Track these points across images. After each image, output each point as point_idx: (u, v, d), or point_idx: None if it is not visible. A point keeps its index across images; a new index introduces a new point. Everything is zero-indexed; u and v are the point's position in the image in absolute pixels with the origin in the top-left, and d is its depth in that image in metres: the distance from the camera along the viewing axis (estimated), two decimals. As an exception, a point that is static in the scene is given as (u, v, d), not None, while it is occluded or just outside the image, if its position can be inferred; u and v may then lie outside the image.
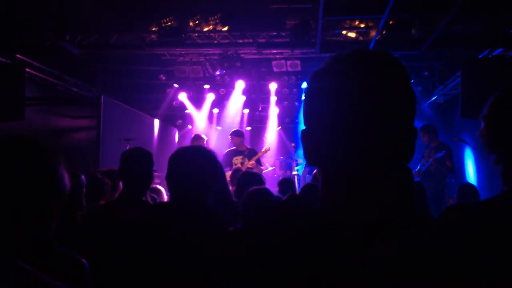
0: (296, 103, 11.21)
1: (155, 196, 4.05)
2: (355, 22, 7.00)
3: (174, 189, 1.91)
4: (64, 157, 1.08)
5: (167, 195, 4.29)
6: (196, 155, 1.93)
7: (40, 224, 1.02)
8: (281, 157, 11.27)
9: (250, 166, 6.98)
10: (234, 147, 7.35)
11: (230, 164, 7.09)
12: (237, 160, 7.17)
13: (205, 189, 1.88)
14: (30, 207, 1.00)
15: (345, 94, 0.72)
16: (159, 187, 4.50)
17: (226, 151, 7.51)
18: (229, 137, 7.47)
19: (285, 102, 11.19)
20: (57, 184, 1.05)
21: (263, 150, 7.84)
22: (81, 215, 2.68)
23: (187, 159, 1.91)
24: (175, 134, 12.71)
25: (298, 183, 8.79)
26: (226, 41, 7.74)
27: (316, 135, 0.78)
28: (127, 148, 7.38)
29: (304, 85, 9.84)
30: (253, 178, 3.46)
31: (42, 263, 1.02)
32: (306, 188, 3.21)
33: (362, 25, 7.03)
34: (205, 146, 2.10)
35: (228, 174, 6.69)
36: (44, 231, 1.03)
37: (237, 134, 7.36)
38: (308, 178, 9.02)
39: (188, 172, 1.87)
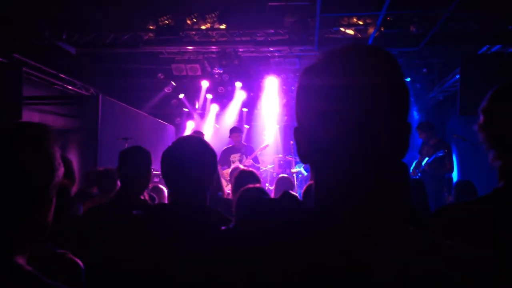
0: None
1: (155, 195, 4.03)
2: (353, 19, 6.99)
3: (172, 186, 1.85)
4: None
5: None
6: (192, 147, 1.84)
7: (39, 216, 0.99)
8: (280, 155, 11.24)
9: (246, 165, 6.98)
10: (231, 145, 7.36)
11: (228, 162, 7.09)
12: (235, 157, 7.18)
13: (205, 183, 1.83)
14: (26, 198, 0.97)
15: (338, 91, 0.71)
16: (161, 186, 4.45)
17: (223, 148, 7.51)
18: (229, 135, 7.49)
19: (284, 100, 11.17)
20: (56, 171, 1.02)
21: (261, 146, 7.83)
22: (78, 214, 2.67)
23: (183, 152, 1.83)
24: (173, 132, 12.69)
25: (298, 181, 8.78)
26: (224, 39, 7.73)
27: (308, 132, 0.76)
28: (125, 147, 7.37)
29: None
30: (249, 176, 3.46)
31: (36, 263, 0.99)
32: (308, 190, 3.19)
33: (360, 22, 7.02)
34: (204, 140, 1.99)
35: (227, 172, 6.70)
36: (43, 223, 1.01)
37: (235, 131, 7.36)
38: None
39: (186, 166, 1.79)
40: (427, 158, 6.77)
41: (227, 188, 5.34)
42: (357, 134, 0.69)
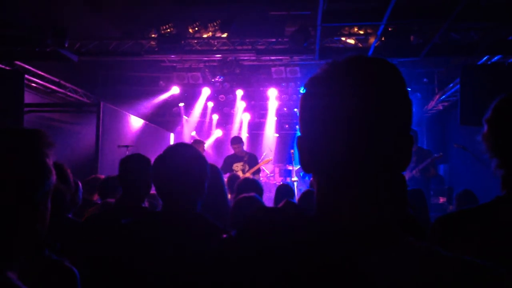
0: (296, 110, 11.22)
1: (155, 202, 4.03)
2: (354, 28, 7.02)
3: (162, 194, 1.85)
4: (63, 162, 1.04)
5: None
6: (181, 156, 1.84)
7: (30, 225, 0.96)
8: (280, 164, 11.25)
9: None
10: (234, 153, 7.34)
11: (230, 170, 7.08)
12: (237, 167, 7.16)
13: (195, 191, 1.82)
14: (16, 207, 0.94)
15: (342, 101, 0.72)
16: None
17: (226, 156, 7.52)
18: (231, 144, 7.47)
19: (285, 109, 11.21)
20: (47, 179, 0.99)
21: (265, 159, 7.83)
22: (78, 220, 2.67)
23: (172, 161, 1.83)
24: (174, 140, 12.71)
25: (298, 190, 8.77)
26: (225, 47, 7.76)
27: (312, 142, 0.77)
28: (126, 154, 7.37)
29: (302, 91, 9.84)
30: (251, 185, 3.47)
31: (31, 271, 0.98)
32: (305, 195, 3.20)
33: (361, 32, 7.06)
34: (194, 148, 1.99)
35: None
36: (36, 233, 0.98)
37: (235, 141, 7.34)
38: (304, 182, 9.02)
39: (174, 175, 1.80)
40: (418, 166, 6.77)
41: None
42: (359, 144, 0.70)
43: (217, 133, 11.98)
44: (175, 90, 9.93)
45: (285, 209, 0.79)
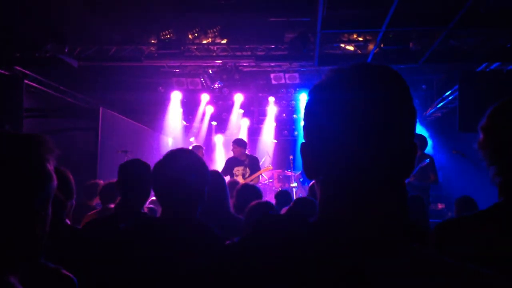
0: (295, 116, 11.22)
1: (155, 208, 4.02)
2: (353, 35, 7.04)
3: (162, 200, 1.84)
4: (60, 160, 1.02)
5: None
6: (181, 160, 1.83)
7: (31, 231, 0.96)
8: (279, 170, 11.23)
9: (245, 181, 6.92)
10: (234, 156, 7.28)
11: (230, 173, 7.06)
12: (238, 171, 7.12)
13: (194, 198, 1.82)
14: (17, 212, 0.93)
15: (347, 108, 0.72)
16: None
17: (228, 159, 7.48)
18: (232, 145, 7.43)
19: (284, 115, 11.21)
20: (47, 184, 0.98)
21: (266, 168, 7.82)
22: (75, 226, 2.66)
23: (172, 166, 1.82)
24: (173, 146, 12.70)
25: (297, 196, 8.77)
26: (224, 53, 7.78)
27: (316, 148, 0.77)
28: (125, 160, 7.37)
29: (302, 97, 9.86)
30: (251, 191, 3.48)
31: (29, 279, 0.97)
32: (299, 202, 3.18)
33: (360, 38, 7.07)
34: (194, 153, 1.96)
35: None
36: (36, 239, 0.97)
37: (238, 144, 7.28)
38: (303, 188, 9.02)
39: (174, 180, 1.79)
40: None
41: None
42: (364, 151, 0.70)
43: (219, 139, 11.97)
44: (177, 96, 9.93)
45: (289, 216, 0.79)
